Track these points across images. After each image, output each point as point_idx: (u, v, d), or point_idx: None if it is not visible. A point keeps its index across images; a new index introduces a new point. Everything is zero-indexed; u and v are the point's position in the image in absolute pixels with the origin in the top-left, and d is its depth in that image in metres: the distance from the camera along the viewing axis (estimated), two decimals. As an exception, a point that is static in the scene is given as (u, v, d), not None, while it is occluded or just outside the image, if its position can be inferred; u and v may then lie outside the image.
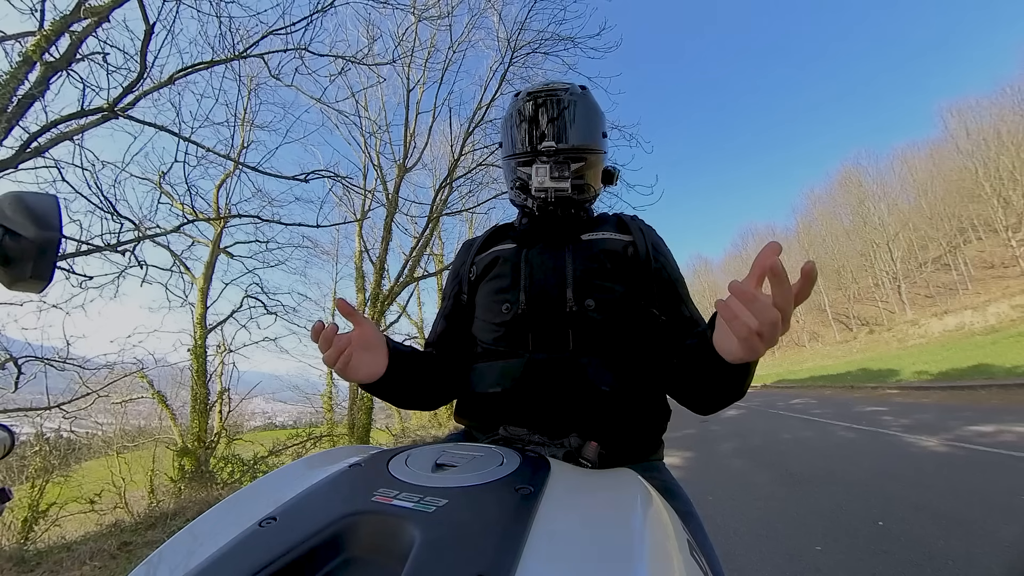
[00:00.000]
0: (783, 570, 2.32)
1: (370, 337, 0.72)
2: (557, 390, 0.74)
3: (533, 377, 0.76)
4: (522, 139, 0.86)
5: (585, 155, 0.85)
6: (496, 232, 0.99)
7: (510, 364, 0.79)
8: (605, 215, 0.97)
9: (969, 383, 11.01)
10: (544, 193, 0.82)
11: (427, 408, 0.93)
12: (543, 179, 0.81)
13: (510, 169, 0.91)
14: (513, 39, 7.47)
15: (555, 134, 0.84)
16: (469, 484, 0.44)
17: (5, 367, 4.62)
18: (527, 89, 0.91)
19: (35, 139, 3.88)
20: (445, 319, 0.95)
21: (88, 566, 3.33)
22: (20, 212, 0.50)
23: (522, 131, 0.87)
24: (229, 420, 8.45)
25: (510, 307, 0.82)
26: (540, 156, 0.83)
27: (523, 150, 0.86)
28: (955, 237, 39.28)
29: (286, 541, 0.35)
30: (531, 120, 0.86)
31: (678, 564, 0.37)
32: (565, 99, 0.86)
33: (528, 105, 0.87)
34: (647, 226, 0.91)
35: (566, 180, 0.81)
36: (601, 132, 0.90)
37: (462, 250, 1.01)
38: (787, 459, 5.11)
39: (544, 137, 0.84)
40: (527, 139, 0.85)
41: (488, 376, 0.81)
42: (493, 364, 0.81)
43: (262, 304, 9.43)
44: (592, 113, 0.89)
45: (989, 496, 3.13)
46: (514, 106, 0.90)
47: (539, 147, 0.83)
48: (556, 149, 0.82)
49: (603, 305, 0.79)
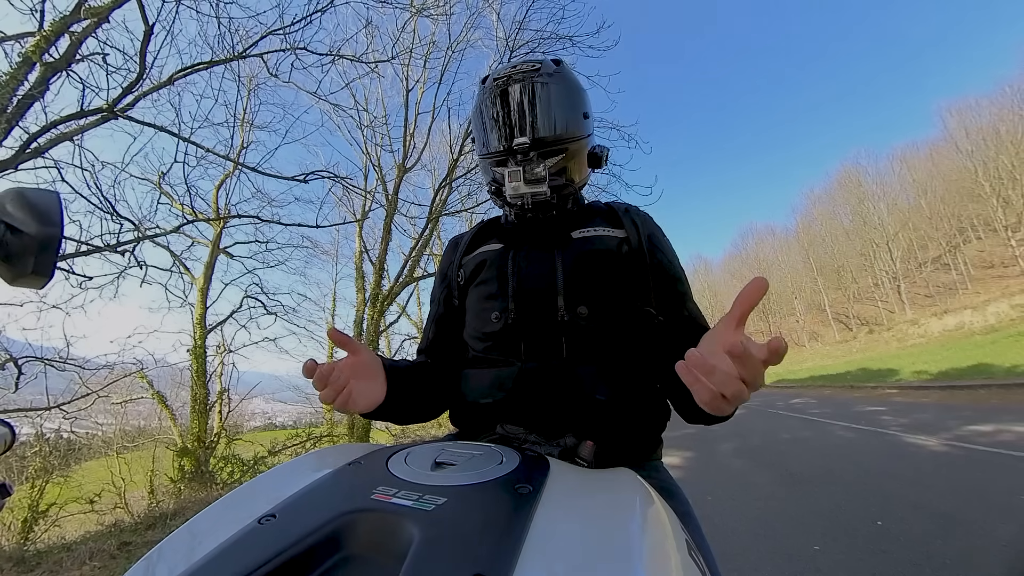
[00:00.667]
0: (782, 570, 2.32)
1: (367, 365, 0.68)
2: (551, 399, 0.71)
3: (526, 387, 0.72)
4: (494, 135, 0.77)
5: (565, 145, 0.77)
6: (483, 229, 0.92)
7: (502, 373, 0.75)
8: (596, 205, 0.89)
9: (969, 383, 11.02)
10: (520, 200, 0.75)
11: (427, 420, 0.89)
12: (518, 185, 0.73)
13: (486, 168, 0.83)
14: (511, 38, 7.47)
15: (528, 126, 0.74)
16: (468, 483, 0.44)
17: (5, 367, 4.61)
18: (493, 74, 0.80)
19: (35, 139, 3.88)
20: (436, 324, 0.91)
21: (88, 566, 3.33)
22: (22, 208, 0.50)
23: (492, 125, 0.78)
24: (229, 420, 8.44)
25: (499, 316, 0.77)
26: (515, 154, 0.75)
27: (496, 148, 0.77)
28: (955, 237, 39.29)
29: (285, 538, 0.35)
30: (500, 112, 0.76)
31: (676, 564, 0.37)
32: (536, 82, 0.75)
33: (495, 93, 0.77)
34: (642, 216, 0.84)
35: (542, 183, 0.74)
36: (582, 113, 0.80)
37: (448, 248, 0.95)
38: (786, 459, 5.11)
39: (516, 132, 0.74)
40: (499, 135, 0.76)
41: (480, 385, 0.77)
42: (485, 372, 0.78)
43: (262, 304, 9.43)
44: (570, 93, 0.78)
45: (988, 495, 3.13)
46: (481, 95, 0.80)
47: (512, 145, 0.74)
48: (531, 144, 0.73)
49: (596, 312, 0.74)
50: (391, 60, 7.39)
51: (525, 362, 0.75)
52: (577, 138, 0.79)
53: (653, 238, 0.81)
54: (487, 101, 0.78)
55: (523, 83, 0.75)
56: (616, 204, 0.87)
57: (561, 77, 0.77)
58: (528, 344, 0.76)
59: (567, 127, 0.77)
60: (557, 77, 0.77)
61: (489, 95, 0.78)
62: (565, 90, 0.77)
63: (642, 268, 0.77)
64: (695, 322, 0.77)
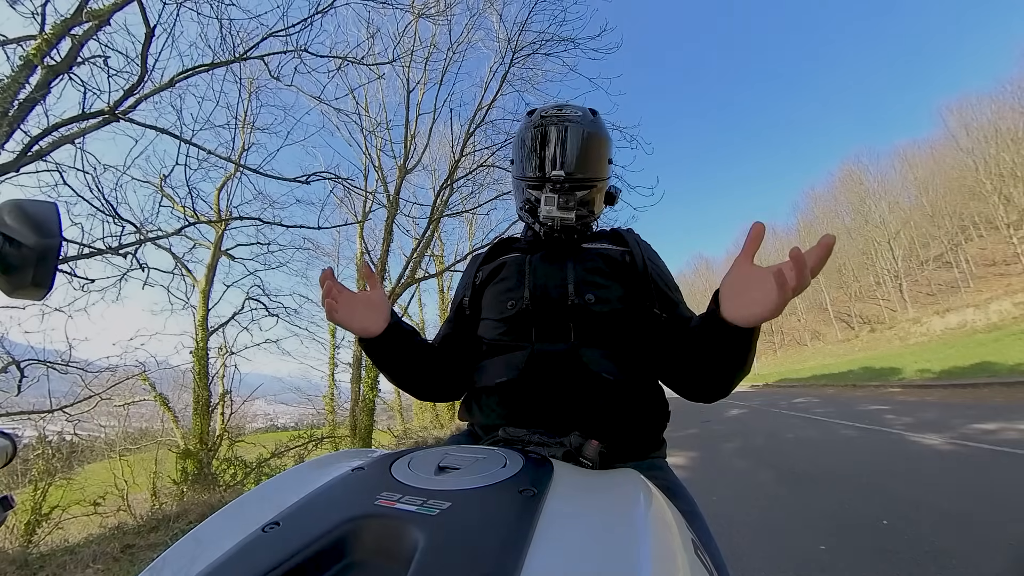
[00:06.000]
0: (787, 570, 2.32)
1: (376, 301, 0.80)
2: (560, 379, 0.77)
3: (537, 367, 0.79)
4: (534, 163, 0.90)
5: (592, 184, 0.90)
6: (501, 244, 1.05)
7: (514, 356, 0.82)
8: (603, 230, 1.03)
9: (972, 381, 10.99)
10: (551, 221, 0.87)
11: (421, 395, 0.96)
12: (551, 209, 0.85)
13: (520, 188, 0.95)
14: (514, 40, 7.47)
15: (565, 162, 0.87)
16: (472, 486, 0.44)
17: (8, 370, 4.62)
18: (540, 111, 0.94)
19: (36, 142, 3.89)
20: (450, 323, 0.99)
21: (91, 569, 3.33)
22: (20, 220, 0.50)
23: (534, 155, 0.90)
24: (231, 422, 8.44)
25: (515, 303, 0.86)
26: (549, 183, 0.87)
27: (534, 174, 0.90)
28: (956, 235, 39.17)
29: (290, 546, 0.35)
30: (543, 145, 0.89)
31: (682, 564, 0.37)
32: (577, 127, 0.88)
33: (541, 129, 0.90)
34: (643, 241, 0.96)
35: (572, 211, 0.86)
36: (607, 159, 0.94)
37: (470, 263, 1.06)
38: (790, 458, 5.10)
39: (555, 163, 0.87)
40: (539, 164, 0.89)
41: (493, 369, 0.84)
42: (498, 358, 0.85)
43: (263, 306, 9.42)
44: (601, 144, 0.92)
45: (994, 494, 3.12)
46: (527, 127, 0.93)
47: (550, 175, 0.86)
48: (565, 178, 0.86)
49: (603, 300, 0.83)
50: (392, 62, 7.40)
51: (536, 344, 0.82)
52: (601, 179, 0.93)
53: (651, 259, 0.92)
54: (533, 132, 0.90)
55: (566, 124, 0.88)
56: (619, 229, 1.00)
57: (596, 126, 0.92)
58: (539, 328, 0.83)
59: (596, 171, 0.91)
60: (593, 125, 0.91)
61: (535, 128, 0.90)
62: (598, 140, 0.91)
63: (643, 279, 0.87)
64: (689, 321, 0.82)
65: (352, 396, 8.93)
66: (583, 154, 0.88)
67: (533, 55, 7.72)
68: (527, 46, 7.55)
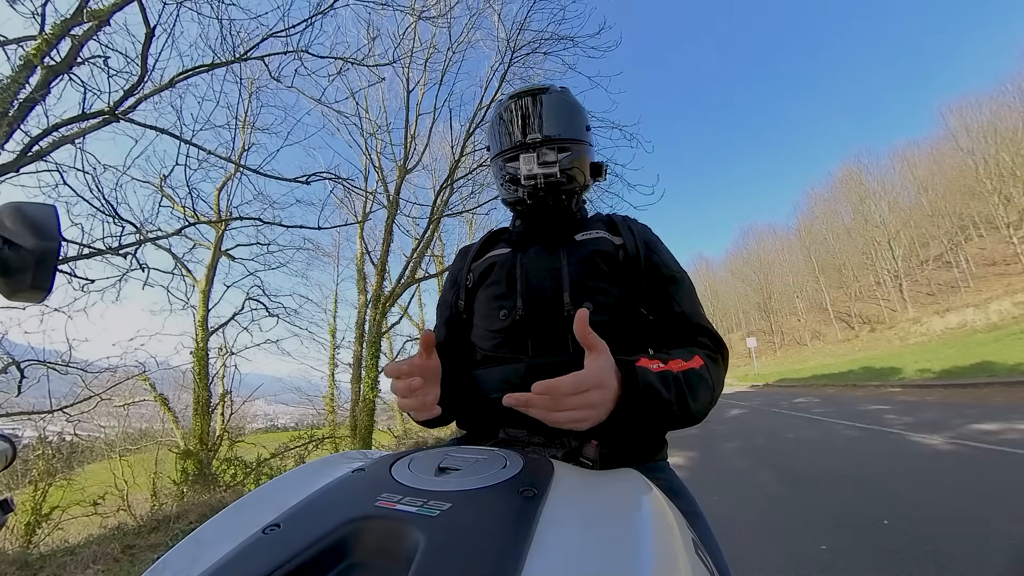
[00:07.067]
0: (788, 570, 2.32)
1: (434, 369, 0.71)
2: None
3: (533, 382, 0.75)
4: (509, 135, 0.89)
5: (569, 144, 0.87)
6: (491, 237, 1.00)
7: (510, 369, 0.79)
8: (598, 215, 0.98)
9: (972, 381, 10.97)
10: (534, 179, 0.83)
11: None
12: (531, 166, 0.83)
13: (499, 168, 0.92)
14: (513, 39, 7.45)
15: (539, 126, 0.86)
16: (473, 487, 0.44)
17: (8, 371, 4.62)
18: (508, 93, 0.94)
19: (36, 143, 3.89)
20: (445, 326, 0.96)
21: (91, 569, 3.33)
22: (19, 222, 0.51)
23: (508, 129, 0.90)
24: (231, 422, 8.45)
25: (508, 313, 0.82)
26: (527, 148, 0.85)
27: (510, 145, 0.88)
28: (956, 234, 39.22)
29: (290, 548, 0.35)
30: (515, 118, 0.89)
31: (684, 564, 0.37)
32: (547, 95, 0.89)
33: (511, 105, 0.90)
34: (639, 226, 0.92)
35: (554, 166, 0.83)
36: (584, 126, 0.92)
37: (458, 256, 1.02)
38: (790, 458, 5.10)
39: (530, 129, 0.86)
40: (514, 133, 0.88)
41: (488, 382, 0.80)
42: (493, 370, 0.82)
43: (264, 306, 9.43)
44: (573, 108, 0.91)
45: (994, 494, 3.12)
46: (497, 109, 0.94)
47: (525, 140, 0.86)
48: (542, 140, 0.85)
49: (600, 308, 0.78)
50: (392, 63, 7.40)
51: (533, 358, 0.79)
52: (580, 141, 0.89)
53: (649, 243, 0.88)
54: (504, 111, 0.91)
55: (534, 95, 0.89)
56: (615, 215, 0.95)
57: (565, 95, 0.92)
58: (535, 340, 0.80)
59: (571, 131, 0.89)
60: (562, 95, 0.91)
61: (505, 107, 0.91)
62: (569, 104, 0.91)
63: (637, 271, 0.83)
64: (685, 318, 0.81)
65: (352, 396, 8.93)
66: (556, 116, 0.88)
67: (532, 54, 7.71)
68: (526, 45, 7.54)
